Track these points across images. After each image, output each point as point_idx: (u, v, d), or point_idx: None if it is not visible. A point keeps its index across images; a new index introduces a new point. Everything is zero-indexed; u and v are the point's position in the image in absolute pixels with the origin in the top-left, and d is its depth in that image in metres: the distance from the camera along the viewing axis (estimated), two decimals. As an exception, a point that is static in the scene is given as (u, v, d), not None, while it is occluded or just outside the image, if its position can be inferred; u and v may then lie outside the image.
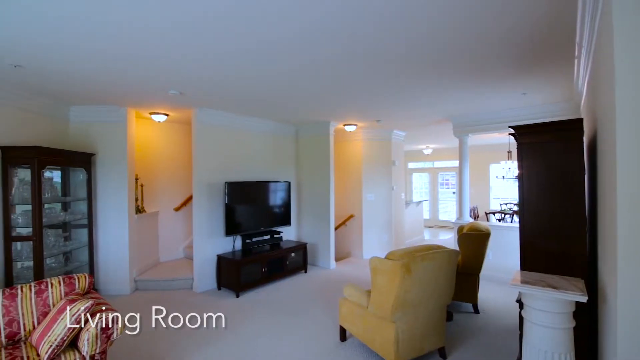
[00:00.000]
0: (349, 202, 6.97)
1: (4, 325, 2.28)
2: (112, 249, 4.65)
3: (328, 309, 4.09)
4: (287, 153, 6.24)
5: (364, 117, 5.41)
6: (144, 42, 2.47)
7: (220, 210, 5.00)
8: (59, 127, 4.41)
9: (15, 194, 3.64)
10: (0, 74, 3.13)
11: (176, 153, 5.96)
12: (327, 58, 2.80)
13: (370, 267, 2.76)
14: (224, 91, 3.85)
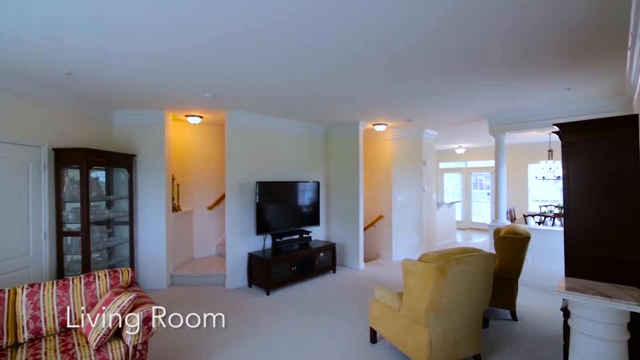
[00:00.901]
0: (378, 202, 6.88)
1: (57, 313, 2.47)
2: (150, 245, 4.89)
3: (357, 309, 4.06)
4: (316, 153, 6.27)
5: (395, 116, 5.32)
6: (184, 50, 2.58)
7: (251, 210, 5.12)
8: (103, 130, 4.71)
9: (65, 193, 3.93)
10: (55, 82, 3.40)
11: (209, 154, 6.17)
12: (359, 59, 2.79)
13: (402, 268, 2.71)
14: (256, 93, 3.93)
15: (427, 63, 2.93)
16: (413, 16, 2.08)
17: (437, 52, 2.68)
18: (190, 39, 2.41)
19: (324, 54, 2.70)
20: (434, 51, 2.65)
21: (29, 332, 2.36)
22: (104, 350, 2.24)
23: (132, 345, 2.32)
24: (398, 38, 2.40)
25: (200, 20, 2.14)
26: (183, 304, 4.27)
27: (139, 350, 2.37)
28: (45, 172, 3.68)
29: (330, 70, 3.11)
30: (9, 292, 2.39)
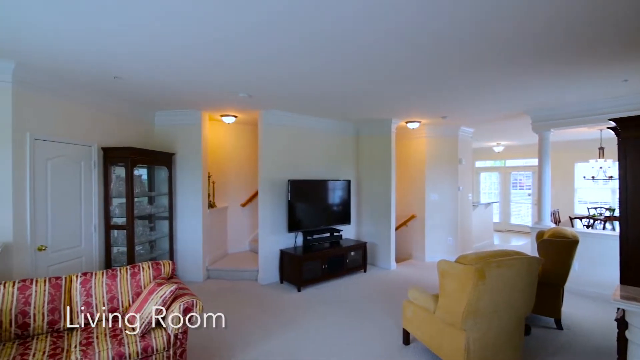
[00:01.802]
0: (410, 201, 6.73)
1: (107, 300, 2.65)
2: (188, 239, 5.12)
3: (389, 310, 4.00)
4: (347, 151, 6.24)
5: (429, 113, 5.16)
6: (221, 52, 2.66)
7: (283, 207, 5.20)
8: (146, 130, 4.98)
9: (112, 189, 4.20)
10: (104, 86, 3.64)
11: (243, 152, 6.35)
12: (394, 56, 2.73)
13: (438, 270, 2.62)
14: (290, 93, 3.98)
15: (467, 57, 2.80)
16: (457, 6, 2.00)
17: (480, 45, 2.56)
18: (224, 39, 2.47)
19: (359, 52, 2.67)
20: (476, 44, 2.53)
21: (82, 317, 2.55)
22: (148, 337, 2.37)
23: (173, 334, 2.44)
24: (439, 33, 2.32)
25: (232, 18, 2.19)
26: (219, 297, 4.43)
27: (179, 339, 2.49)
28: (95, 169, 3.96)
29: (365, 68, 3.08)
30: (66, 279, 2.60)
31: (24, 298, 2.39)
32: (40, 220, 3.26)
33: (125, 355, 2.24)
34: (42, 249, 3.26)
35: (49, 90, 3.33)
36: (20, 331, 2.34)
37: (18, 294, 2.38)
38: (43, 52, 2.70)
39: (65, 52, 2.70)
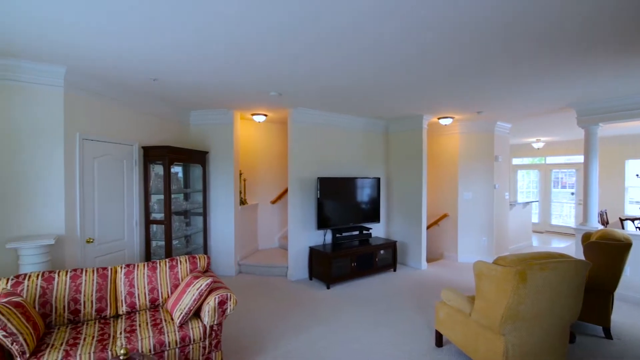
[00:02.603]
0: (442, 200, 6.53)
1: (148, 291, 2.80)
2: (221, 235, 5.28)
3: (420, 310, 3.92)
4: (376, 149, 6.16)
5: (463, 108, 4.97)
6: (253, 51, 2.70)
7: (312, 205, 5.23)
8: (182, 129, 5.19)
9: (152, 186, 4.42)
10: (143, 87, 3.83)
11: (272, 150, 6.46)
12: (429, 50, 2.65)
13: (474, 271, 2.53)
14: (319, 90, 3.98)
15: (508, 48, 2.66)
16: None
17: (520, 34, 2.42)
18: (255, 39, 2.51)
19: (391, 47, 2.62)
20: (516, 34, 2.40)
21: (126, 305, 2.72)
22: (186, 327, 2.48)
23: (209, 325, 2.53)
24: (476, 23, 2.23)
25: (263, 18, 2.22)
26: (250, 291, 4.54)
27: (215, 331, 2.58)
28: (136, 167, 4.18)
29: (397, 63, 3.01)
30: (111, 270, 2.78)
31: (75, 286, 2.58)
32: (88, 214, 3.49)
33: (165, 344, 2.36)
34: (90, 242, 3.50)
35: (95, 93, 3.55)
36: (72, 317, 2.53)
37: (70, 283, 2.57)
38: (90, 58, 2.88)
39: (110, 57, 2.86)
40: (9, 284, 2.42)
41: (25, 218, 3.03)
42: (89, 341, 2.25)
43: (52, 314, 2.47)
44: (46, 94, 3.10)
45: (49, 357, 2.05)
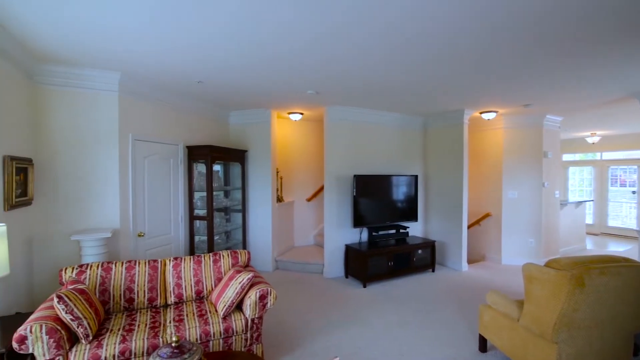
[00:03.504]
0: (484, 198, 6.23)
1: (194, 283, 2.95)
2: (259, 231, 5.43)
3: (461, 313, 3.77)
4: (414, 145, 6.00)
5: (509, 101, 4.69)
6: (295, 54, 2.74)
7: (348, 203, 5.21)
8: (222, 129, 5.39)
9: (195, 183, 4.65)
10: (188, 89, 4.02)
11: (308, 148, 6.52)
12: (473, 41, 2.53)
13: (523, 274, 2.39)
14: (356, 88, 3.95)
15: (564, 35, 2.48)
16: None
17: (583, 19, 2.24)
18: (294, 39, 2.54)
19: (430, 39, 2.54)
20: (571, 17, 2.22)
21: (174, 296, 2.88)
22: (229, 319, 2.58)
23: (250, 318, 2.62)
24: (523, 8, 2.09)
25: (305, 20, 2.24)
26: (287, 287, 4.63)
27: (256, 324, 2.66)
28: (181, 165, 4.42)
29: (438, 57, 2.91)
30: (161, 262, 2.96)
31: (130, 277, 2.78)
32: (139, 210, 3.74)
33: (211, 334, 2.48)
34: (141, 235, 3.76)
35: (144, 96, 3.79)
36: (127, 304, 2.73)
37: (125, 273, 2.78)
38: (142, 63, 3.08)
39: (159, 62, 3.04)
40: (74, 273, 2.66)
41: (86, 213, 3.32)
42: (142, 328, 2.42)
43: (110, 302, 2.68)
44: (104, 99, 3.37)
45: (108, 341, 2.23)
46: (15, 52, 2.65)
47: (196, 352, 1.79)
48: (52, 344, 2.04)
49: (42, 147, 3.15)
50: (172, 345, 1.77)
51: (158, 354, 1.74)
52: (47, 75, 3.13)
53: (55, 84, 3.18)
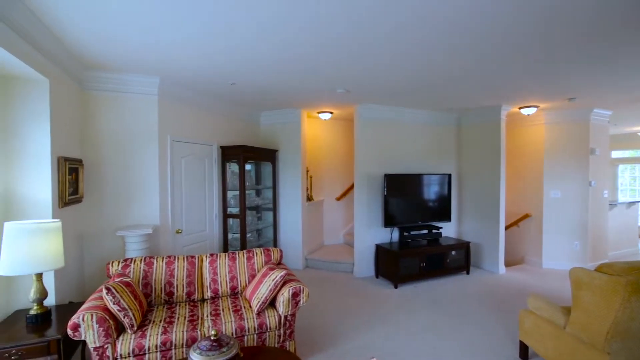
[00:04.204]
0: (523, 198, 5.92)
1: (229, 279, 3.04)
2: (289, 229, 5.50)
3: (499, 318, 3.61)
4: (447, 143, 5.81)
5: (552, 95, 4.41)
6: (325, 52, 2.75)
7: (379, 202, 5.15)
8: (253, 129, 5.51)
9: (229, 182, 4.79)
10: (221, 91, 4.14)
11: (338, 147, 6.51)
12: (512, 30, 2.41)
13: (571, 279, 2.24)
14: (387, 85, 3.89)
15: (618, 18, 2.29)
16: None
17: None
18: (325, 37, 2.54)
19: (474, 31, 2.44)
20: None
21: (210, 291, 2.99)
22: (263, 315, 2.64)
23: (284, 315, 2.66)
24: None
25: (341, 19, 2.23)
26: (318, 286, 4.65)
27: (289, 321, 2.69)
28: (215, 165, 4.56)
29: (480, 50, 2.79)
30: (198, 258, 3.08)
31: (170, 271, 2.91)
32: (177, 208, 3.91)
33: (245, 329, 2.54)
34: (178, 232, 3.93)
35: (181, 99, 3.96)
36: (168, 298, 2.87)
37: (166, 268, 2.91)
38: (179, 68, 3.22)
39: (196, 65, 3.16)
40: (120, 266, 2.83)
41: (129, 210, 3.52)
42: (181, 320, 2.53)
43: (152, 294, 2.82)
44: (144, 102, 3.55)
45: (151, 332, 2.36)
46: (68, 61, 2.85)
47: (233, 346, 1.84)
48: (102, 332, 2.18)
49: (90, 148, 3.37)
50: (211, 339, 1.83)
51: (198, 346, 1.81)
52: (95, 81, 3.34)
53: (102, 89, 3.39)
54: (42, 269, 2.27)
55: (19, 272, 2.20)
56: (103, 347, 2.22)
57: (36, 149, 2.59)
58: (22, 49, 2.22)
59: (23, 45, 2.23)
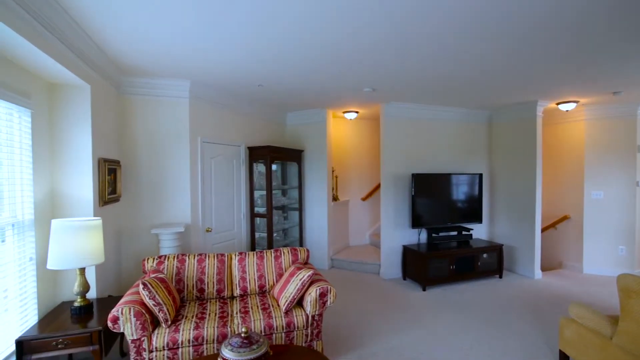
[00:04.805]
0: (561, 199, 5.60)
1: (257, 277, 3.09)
2: (315, 229, 5.52)
3: (535, 325, 3.43)
4: (477, 142, 5.60)
5: (595, 89, 4.13)
6: (350, 50, 2.73)
7: (406, 202, 5.05)
8: (279, 130, 5.58)
9: (255, 182, 4.87)
10: (249, 93, 4.22)
11: (363, 147, 6.46)
12: (555, 17, 2.28)
13: (619, 286, 2.08)
14: (415, 83, 3.80)
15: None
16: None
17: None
18: (355, 39, 2.51)
19: (514, 21, 2.33)
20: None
21: (239, 289, 3.05)
22: (291, 314, 2.66)
23: (311, 314, 2.66)
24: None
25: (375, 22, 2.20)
26: (344, 286, 4.63)
27: (316, 320, 2.70)
28: (242, 166, 4.66)
29: (518, 42, 2.67)
30: (227, 257, 3.15)
31: (201, 268, 3.00)
32: (207, 207, 4.03)
33: (274, 327, 2.57)
34: (208, 231, 4.04)
35: (211, 101, 4.07)
36: (199, 294, 2.95)
37: (197, 265, 3.00)
38: (209, 71, 3.31)
39: (225, 70, 3.24)
40: (154, 263, 2.94)
41: (163, 209, 3.66)
42: (212, 317, 2.60)
43: (184, 291, 2.92)
44: (176, 105, 3.68)
45: (184, 326, 2.44)
46: (107, 68, 3.01)
47: (263, 344, 1.86)
48: (139, 326, 2.28)
49: (127, 149, 3.54)
50: (242, 336, 1.87)
51: (229, 342, 1.85)
52: (130, 86, 3.51)
53: (137, 93, 3.55)
54: (85, 264, 2.41)
55: (65, 266, 2.34)
56: (140, 340, 2.32)
57: (79, 151, 2.76)
58: (68, 58, 2.37)
59: (69, 54, 2.38)
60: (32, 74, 2.45)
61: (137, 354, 2.33)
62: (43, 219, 2.56)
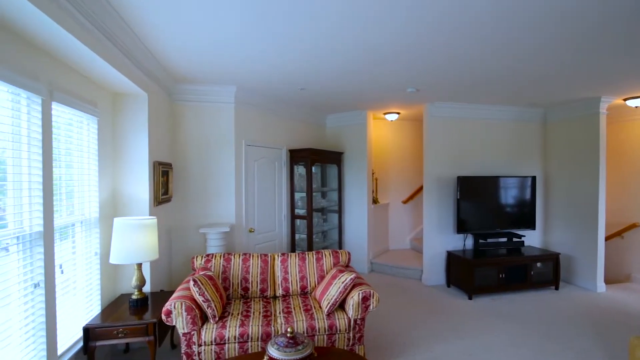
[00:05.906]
0: (628, 205, 5.05)
1: (299, 278, 3.12)
2: (354, 232, 5.47)
3: (597, 342, 3.11)
4: (530, 142, 5.22)
5: (669, 82, 3.69)
6: (397, 49, 2.67)
7: (451, 206, 4.84)
8: (319, 132, 5.61)
9: (296, 184, 4.94)
10: (292, 96, 4.30)
11: (404, 149, 6.30)
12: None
13: None
14: (460, 81, 3.64)
15: None
16: None
17: None
18: (398, 37, 2.46)
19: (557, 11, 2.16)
20: None
21: (282, 289, 3.10)
22: (333, 317, 2.65)
23: (353, 318, 2.63)
24: None
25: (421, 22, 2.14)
26: (385, 291, 4.54)
27: (358, 324, 2.66)
28: (284, 168, 4.75)
29: (576, 33, 2.46)
30: (270, 257, 3.22)
31: (245, 268, 3.09)
32: (250, 208, 4.15)
33: (316, 329, 2.57)
34: (251, 231, 4.16)
35: (254, 105, 4.20)
36: (243, 293, 3.05)
37: (242, 264, 3.10)
38: (253, 77, 3.42)
39: (268, 75, 3.33)
40: (203, 260, 3.09)
41: (210, 209, 3.84)
42: (256, 315, 2.66)
43: (230, 288, 3.03)
44: (222, 110, 3.85)
45: (230, 323, 2.52)
46: (162, 77, 3.22)
47: (308, 345, 1.87)
48: (189, 320, 2.40)
49: (178, 153, 3.76)
50: (287, 336, 1.89)
51: (275, 342, 1.88)
52: (181, 93, 3.72)
53: (186, 99, 3.76)
54: (142, 260, 2.59)
55: (125, 261, 2.53)
56: (190, 334, 2.44)
57: (137, 155, 2.98)
58: (129, 69, 2.57)
59: (130, 65, 2.58)
60: (98, 85, 2.68)
61: (188, 347, 2.45)
62: (106, 217, 2.79)
